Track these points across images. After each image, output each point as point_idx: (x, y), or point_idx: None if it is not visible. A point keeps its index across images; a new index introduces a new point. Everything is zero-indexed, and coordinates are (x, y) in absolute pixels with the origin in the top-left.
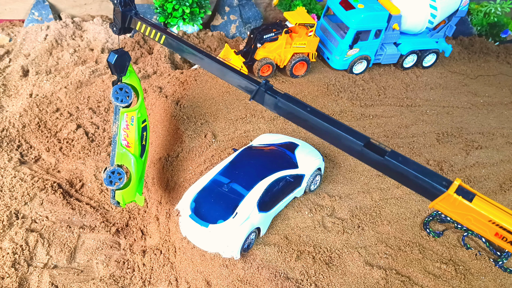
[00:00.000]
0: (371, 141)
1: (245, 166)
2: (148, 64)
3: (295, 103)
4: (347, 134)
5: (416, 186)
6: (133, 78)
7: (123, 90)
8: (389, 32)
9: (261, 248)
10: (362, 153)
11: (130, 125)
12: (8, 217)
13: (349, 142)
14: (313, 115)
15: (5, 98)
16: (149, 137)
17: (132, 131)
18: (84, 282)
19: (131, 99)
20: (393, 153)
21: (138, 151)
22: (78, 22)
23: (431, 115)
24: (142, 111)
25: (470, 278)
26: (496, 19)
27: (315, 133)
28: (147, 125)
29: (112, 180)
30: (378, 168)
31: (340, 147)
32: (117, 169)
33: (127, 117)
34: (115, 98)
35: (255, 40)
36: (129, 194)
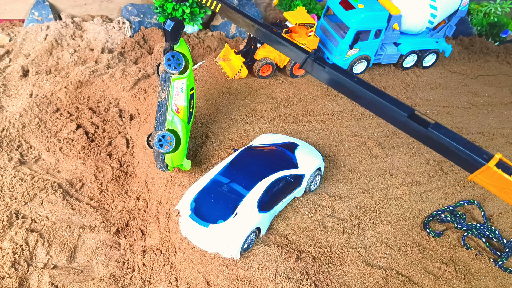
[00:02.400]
0: (415, 112)
1: (245, 166)
2: (148, 64)
3: (342, 73)
4: (392, 104)
5: (457, 158)
6: (183, 47)
7: (175, 57)
8: (389, 32)
9: (261, 248)
10: (406, 124)
11: (180, 92)
12: (8, 217)
13: (394, 113)
14: (359, 85)
15: (5, 98)
16: (195, 105)
17: (182, 98)
18: (84, 282)
19: (182, 66)
20: (437, 125)
21: (186, 117)
22: (78, 22)
23: (431, 115)
24: (191, 79)
25: (470, 278)
26: (496, 19)
27: (360, 103)
28: (194, 93)
29: (163, 143)
30: (420, 140)
31: (384, 118)
32: (167, 133)
33: (177, 84)
34: (167, 65)
35: (255, 40)
36: (178, 157)
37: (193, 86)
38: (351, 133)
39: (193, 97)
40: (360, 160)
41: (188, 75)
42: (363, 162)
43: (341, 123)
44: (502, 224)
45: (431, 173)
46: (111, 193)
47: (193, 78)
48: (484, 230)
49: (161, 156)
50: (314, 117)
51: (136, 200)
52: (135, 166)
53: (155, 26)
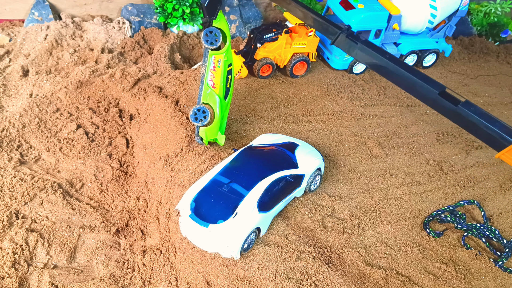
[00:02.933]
0: (446, 90)
1: (245, 166)
2: (148, 64)
3: (374, 49)
4: (423, 81)
5: (485, 136)
6: (222, 23)
7: (213, 33)
8: (389, 32)
9: (261, 248)
10: (436, 100)
11: (217, 67)
12: (8, 217)
13: (424, 90)
14: (391, 61)
15: (5, 98)
16: (233, 81)
17: (219, 73)
18: (84, 282)
19: (219, 42)
20: (467, 103)
21: (223, 92)
22: (78, 22)
23: (431, 115)
24: (229, 55)
25: (470, 278)
26: (496, 19)
27: (391, 79)
28: (232, 69)
29: (197, 117)
30: (450, 117)
31: (414, 94)
32: (203, 107)
33: (214, 60)
34: (205, 41)
35: (255, 40)
36: (212, 131)
37: (231, 62)
38: (351, 133)
39: (230, 73)
40: (360, 160)
41: (225, 50)
42: (363, 162)
43: (341, 123)
44: (502, 224)
45: (431, 173)
46: (111, 193)
47: (232, 54)
48: (484, 230)
49: (196, 129)
50: (314, 117)
51: (136, 200)
52: (135, 166)
53: (155, 26)
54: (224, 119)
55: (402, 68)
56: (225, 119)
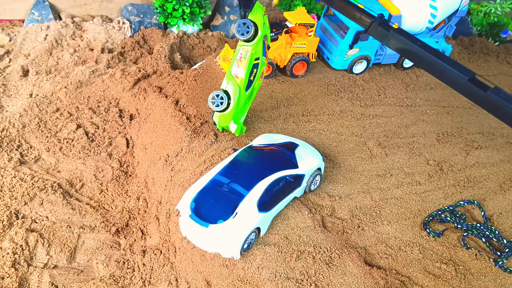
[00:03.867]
0: (476, 76)
1: (245, 166)
2: (148, 64)
3: (406, 36)
4: (454, 67)
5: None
6: (258, 16)
7: (246, 25)
8: None
9: (261, 248)
10: (466, 87)
11: (243, 58)
12: (8, 217)
13: (454, 76)
14: (422, 48)
15: (5, 98)
16: (259, 76)
17: (243, 64)
18: (84, 282)
19: (250, 34)
20: (496, 89)
21: (244, 84)
22: (78, 22)
23: (431, 115)
24: (258, 49)
25: (470, 278)
26: (496, 19)
27: (422, 66)
28: (259, 64)
29: (214, 101)
30: (478, 103)
31: (444, 81)
32: (221, 93)
33: (242, 50)
34: (237, 31)
35: None
36: (225, 119)
37: (260, 57)
38: (351, 133)
39: (257, 67)
40: (360, 160)
41: (255, 43)
42: (363, 162)
43: (341, 123)
44: (502, 224)
45: (431, 173)
46: (111, 193)
47: (262, 49)
48: (484, 230)
49: (213, 113)
50: (314, 117)
51: (136, 200)
52: (135, 166)
53: (155, 26)
54: (243, 111)
55: (433, 55)
56: (244, 110)
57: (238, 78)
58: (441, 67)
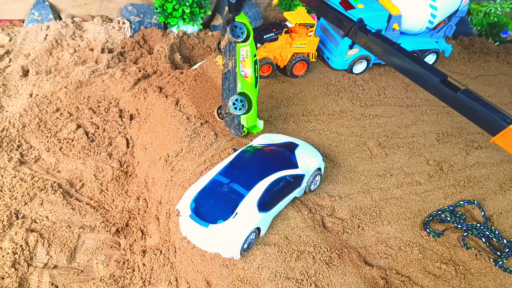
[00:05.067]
0: (447, 78)
1: (245, 166)
2: (148, 64)
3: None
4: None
5: (481, 121)
6: (244, 18)
7: (238, 27)
8: (389, 32)
9: (261, 248)
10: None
11: (245, 58)
12: (8, 217)
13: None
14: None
15: (5, 98)
16: (259, 70)
17: (248, 63)
18: (84, 282)
19: (245, 34)
20: (466, 91)
21: (253, 81)
22: (78, 22)
23: (431, 115)
24: (253, 46)
25: (470, 278)
26: (496, 19)
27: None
28: (257, 60)
29: (237, 106)
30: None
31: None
32: (240, 96)
33: (243, 51)
34: (232, 35)
35: (255, 40)
36: (252, 118)
37: (255, 53)
38: (351, 133)
39: (256, 63)
40: (360, 160)
41: (250, 42)
42: (363, 162)
43: (341, 123)
44: (502, 224)
45: (431, 173)
46: (111, 193)
47: (255, 46)
48: (484, 230)
49: (236, 119)
50: (314, 117)
51: (136, 200)
52: (135, 166)
53: (155, 26)
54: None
55: (408, 57)
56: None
57: (248, 77)
58: (415, 69)
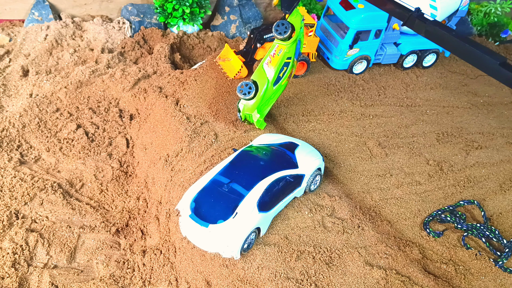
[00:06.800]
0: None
1: (245, 166)
2: (148, 64)
3: (442, 27)
4: (485, 53)
5: None
6: (297, 20)
7: (284, 25)
8: (389, 32)
9: (261, 248)
10: (498, 70)
11: (276, 55)
12: (8, 217)
13: (487, 61)
14: (457, 38)
15: (5, 98)
16: (288, 75)
17: (276, 60)
18: (84, 282)
19: (286, 34)
20: None
21: (273, 78)
22: (78, 22)
23: (431, 115)
24: (291, 49)
25: (470, 278)
26: (496, 19)
27: (457, 54)
28: (290, 64)
29: (243, 90)
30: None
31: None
32: (250, 83)
33: (277, 48)
34: (274, 30)
35: (255, 40)
36: (249, 108)
37: (292, 57)
38: (351, 133)
39: (287, 65)
40: (360, 160)
41: (290, 43)
42: (363, 162)
43: (341, 123)
44: (502, 224)
45: (431, 173)
46: (111, 193)
47: (295, 50)
48: (484, 230)
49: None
50: (314, 117)
51: (136, 200)
52: (135, 166)
53: (155, 26)
54: (268, 105)
55: (467, 43)
56: (269, 105)
57: (269, 72)
58: (474, 53)
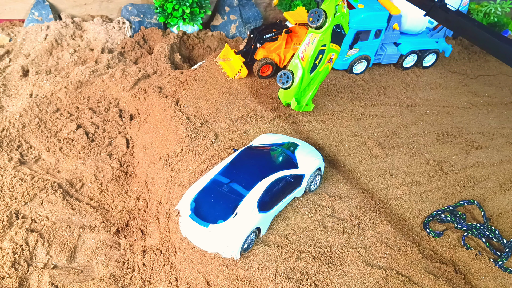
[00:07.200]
0: None
1: (245, 166)
2: (148, 64)
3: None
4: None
5: None
6: (330, 6)
7: (317, 13)
8: (389, 32)
9: (261, 248)
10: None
11: (310, 44)
12: (8, 217)
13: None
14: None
15: (5, 98)
16: (324, 62)
17: (310, 49)
18: (84, 282)
19: (319, 22)
20: None
21: (309, 66)
22: (78, 22)
23: (431, 115)
24: (326, 37)
25: (470, 278)
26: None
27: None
28: (325, 50)
29: (281, 79)
30: None
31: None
32: (288, 72)
33: (311, 37)
34: (308, 18)
35: (255, 40)
36: (287, 95)
37: (327, 44)
38: (351, 133)
39: (322, 53)
40: (360, 160)
41: (323, 31)
42: (363, 162)
43: (341, 123)
44: (502, 224)
45: (431, 173)
46: (111, 193)
47: (329, 37)
48: (484, 230)
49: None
50: (314, 117)
51: (136, 200)
52: (135, 166)
53: (155, 26)
54: (307, 91)
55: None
56: (308, 91)
57: (304, 60)
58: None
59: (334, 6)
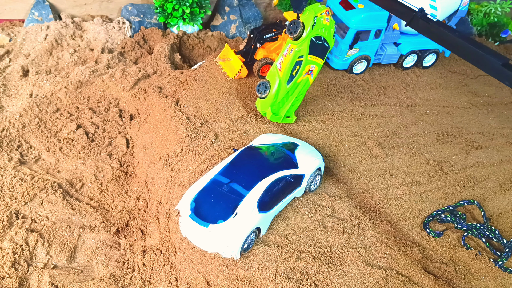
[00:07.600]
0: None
1: (245, 166)
2: (148, 64)
3: (445, 28)
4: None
5: None
6: (308, 18)
7: (295, 24)
8: (389, 32)
9: (261, 248)
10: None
11: (288, 54)
12: (8, 217)
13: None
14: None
15: (5, 98)
16: (302, 73)
17: (287, 60)
18: (84, 282)
19: (296, 33)
20: None
21: (286, 77)
22: (78, 22)
23: (431, 115)
24: (303, 48)
25: (470, 278)
26: (496, 19)
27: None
28: (302, 62)
29: (259, 89)
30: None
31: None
32: (266, 82)
33: (289, 47)
34: (287, 29)
35: (255, 40)
36: (263, 105)
37: (305, 55)
38: (351, 133)
39: (299, 64)
40: (360, 160)
41: (299, 42)
42: (363, 162)
43: (341, 123)
44: (502, 224)
45: (431, 173)
46: (111, 193)
47: (307, 49)
48: (484, 230)
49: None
50: (314, 117)
51: (136, 200)
52: (135, 166)
53: (155, 26)
54: (285, 102)
55: (469, 43)
56: (286, 102)
57: (281, 71)
58: (477, 54)
59: (312, 18)
